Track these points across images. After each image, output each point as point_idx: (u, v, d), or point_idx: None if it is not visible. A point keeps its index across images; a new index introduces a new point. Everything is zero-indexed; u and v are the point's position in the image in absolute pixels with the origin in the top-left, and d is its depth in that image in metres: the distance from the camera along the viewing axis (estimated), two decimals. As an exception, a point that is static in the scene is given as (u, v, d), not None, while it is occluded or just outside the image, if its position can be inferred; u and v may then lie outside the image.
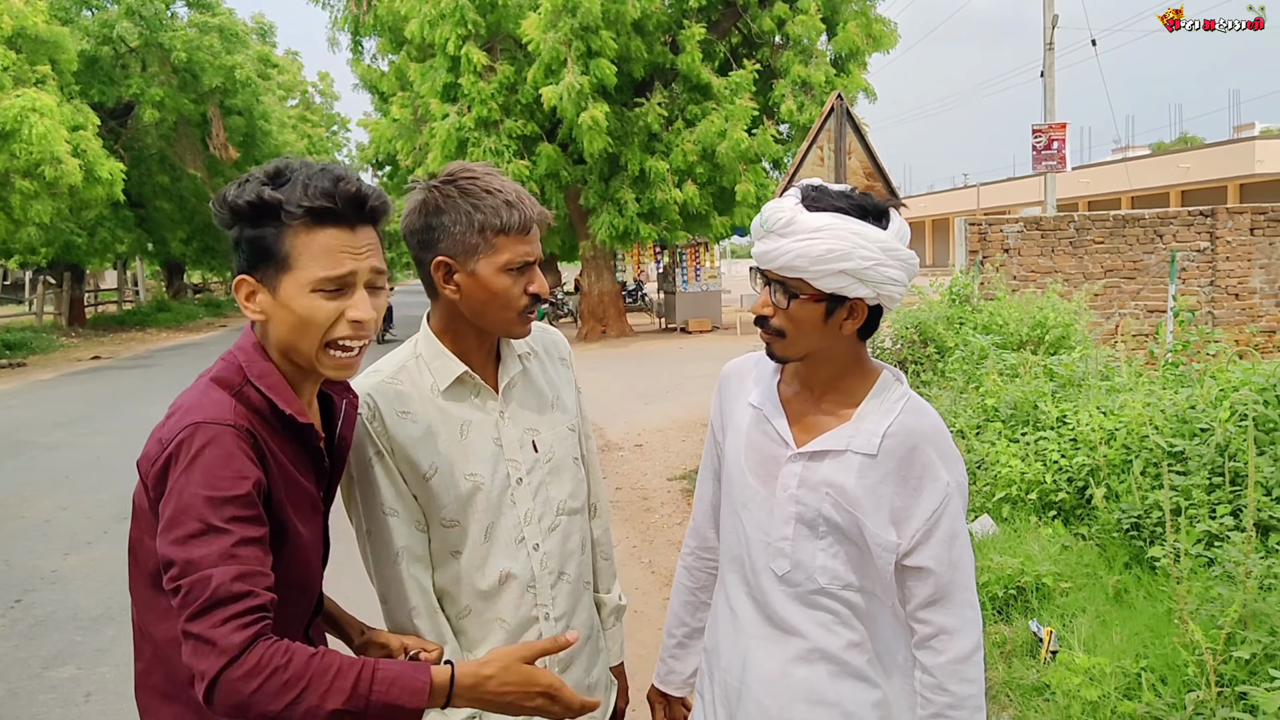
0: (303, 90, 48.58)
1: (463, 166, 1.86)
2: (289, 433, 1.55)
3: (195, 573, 1.35)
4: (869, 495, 1.70)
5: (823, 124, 7.40)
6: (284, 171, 1.53)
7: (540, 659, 1.71)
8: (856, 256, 1.62)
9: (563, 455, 1.99)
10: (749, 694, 1.81)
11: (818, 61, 20.57)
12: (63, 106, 19.26)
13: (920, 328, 10.20)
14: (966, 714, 1.69)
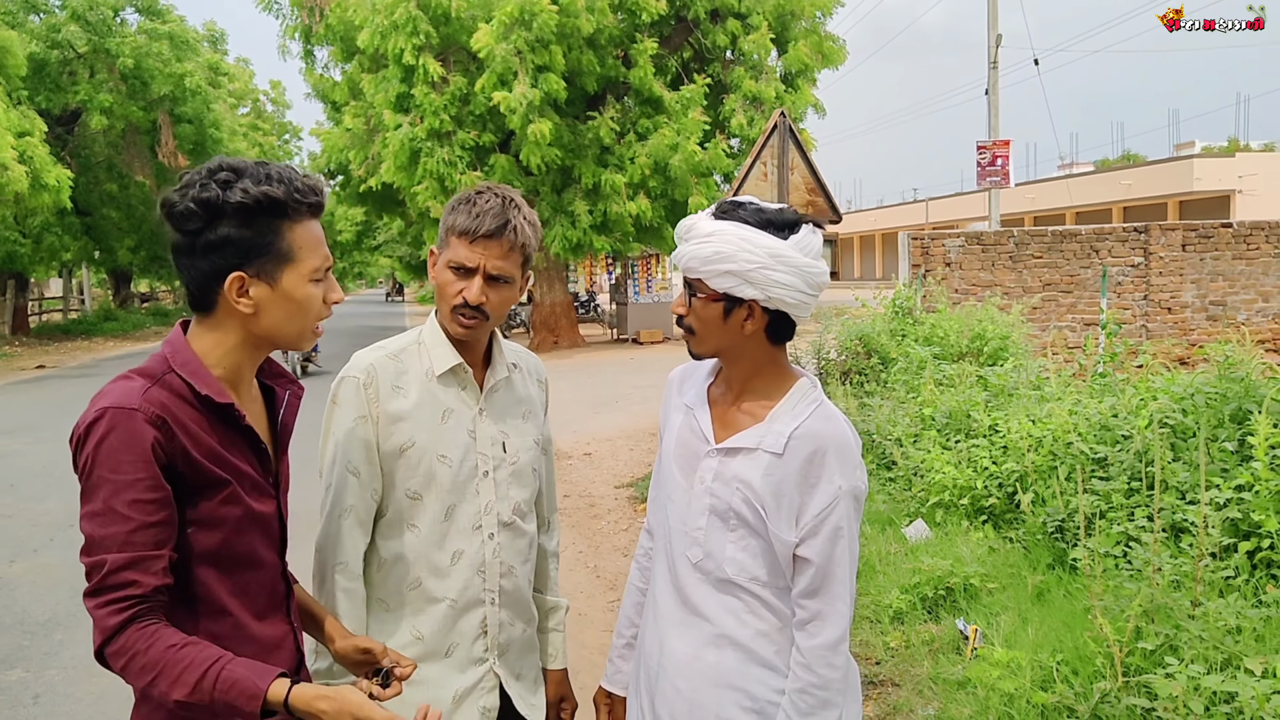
0: (254, 98, 48.20)
1: (486, 185, 2.08)
2: (214, 415, 1.63)
3: (96, 553, 1.50)
4: (773, 492, 1.83)
5: (766, 140, 7.59)
6: (234, 169, 1.61)
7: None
8: (740, 259, 1.78)
9: (525, 462, 2.15)
10: (664, 676, 1.95)
11: (768, 77, 20.90)
12: (9, 112, 19.03)
13: (864, 339, 10.44)
14: (828, 694, 1.82)
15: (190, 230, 1.60)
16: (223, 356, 1.68)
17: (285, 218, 1.64)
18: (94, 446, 1.52)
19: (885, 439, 7.14)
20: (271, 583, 1.75)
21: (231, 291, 1.62)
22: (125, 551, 1.49)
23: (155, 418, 1.54)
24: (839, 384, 9.47)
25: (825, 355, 10.64)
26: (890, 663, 4.48)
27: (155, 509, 1.52)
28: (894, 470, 6.92)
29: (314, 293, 1.69)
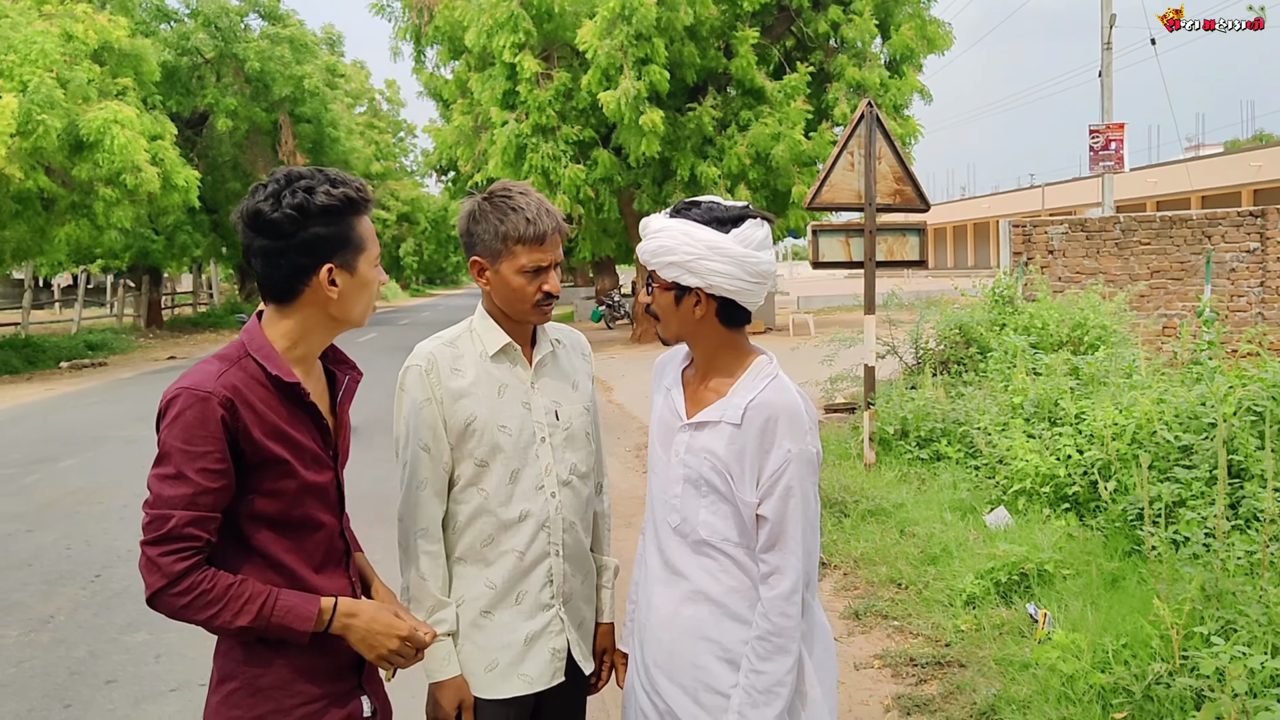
0: (370, 98, 49.69)
1: (502, 185, 2.30)
2: (282, 393, 1.88)
3: (162, 508, 1.75)
4: (735, 459, 2.03)
5: (853, 130, 7.65)
6: (305, 177, 1.87)
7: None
8: (680, 251, 2.01)
9: (578, 427, 2.39)
10: (650, 628, 2.17)
11: (871, 64, 20.68)
12: (142, 117, 20.10)
13: (963, 328, 10.37)
14: (783, 641, 1.99)
15: (285, 233, 1.83)
16: (297, 340, 1.92)
17: (356, 213, 1.91)
18: (171, 420, 1.78)
19: (972, 428, 7.14)
20: (329, 541, 1.98)
21: (324, 282, 1.87)
22: (190, 510, 1.75)
23: (225, 400, 1.79)
24: (930, 373, 9.43)
25: (923, 345, 10.59)
26: (959, 644, 4.56)
27: (217, 478, 1.78)
28: (979, 459, 6.93)
29: (375, 276, 1.97)
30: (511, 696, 2.27)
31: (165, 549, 1.74)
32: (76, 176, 18.52)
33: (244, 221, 1.86)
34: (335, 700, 1.93)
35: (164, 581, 1.73)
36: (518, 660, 2.27)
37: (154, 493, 1.77)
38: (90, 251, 26.07)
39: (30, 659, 4.94)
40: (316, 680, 1.90)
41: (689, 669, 2.08)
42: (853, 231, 7.74)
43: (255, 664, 1.87)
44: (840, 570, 5.82)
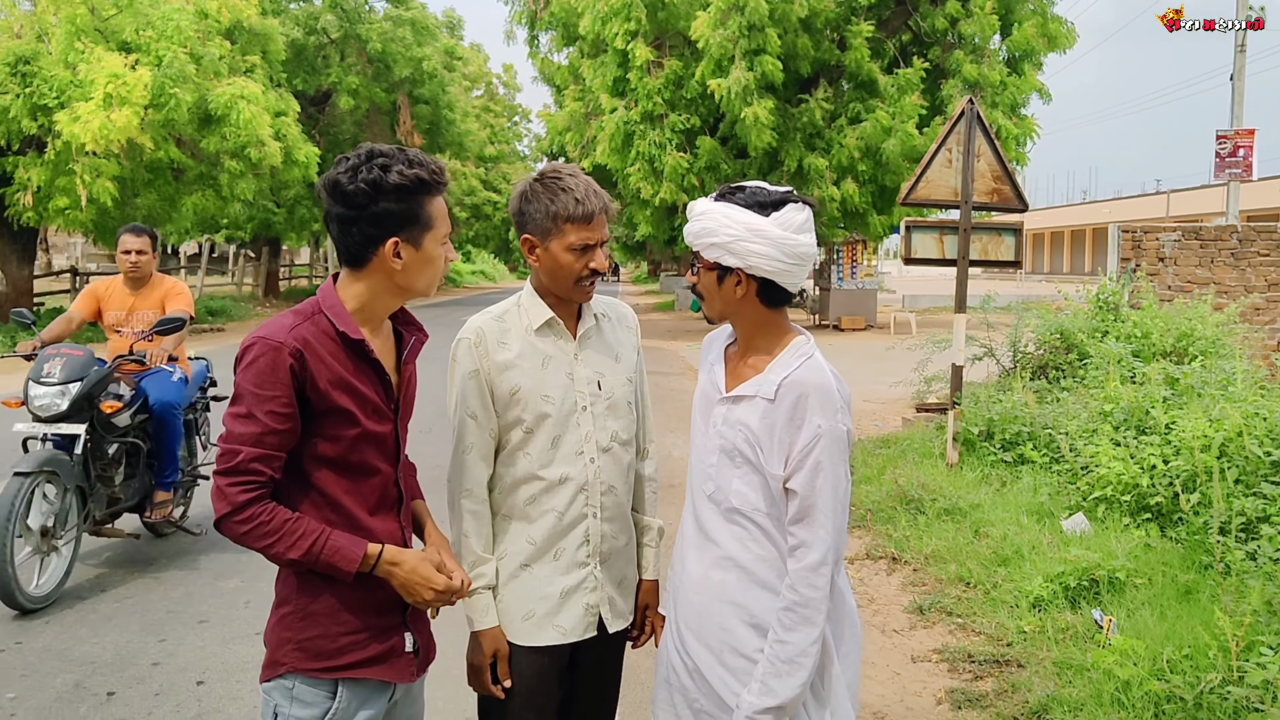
0: (487, 81, 50.51)
1: (553, 167, 2.42)
2: (348, 348, 2.04)
3: (234, 444, 1.95)
4: (766, 433, 2.12)
5: (952, 126, 7.57)
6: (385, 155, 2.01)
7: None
8: (721, 233, 2.11)
9: (620, 397, 2.50)
10: (682, 590, 2.28)
11: (990, 61, 20.27)
12: (267, 94, 20.87)
13: (1064, 334, 10.15)
14: (809, 612, 2.07)
15: (358, 204, 1.99)
16: (365, 303, 2.09)
17: (428, 193, 2.05)
18: (246, 365, 1.97)
19: (1058, 432, 7.03)
20: (384, 487, 2.13)
21: (389, 253, 2.03)
22: (258, 448, 1.95)
23: (295, 350, 1.96)
24: (1022, 377, 9.28)
25: (1022, 349, 10.40)
26: (1020, 645, 4.54)
27: (283, 420, 1.96)
28: (1062, 464, 6.83)
29: (441, 253, 2.12)
30: (546, 645, 2.41)
31: (232, 480, 1.93)
32: (205, 148, 19.36)
33: (324, 189, 2.03)
34: (379, 633, 2.10)
35: (228, 509, 1.93)
36: (553, 612, 2.41)
37: (227, 429, 1.97)
38: (215, 221, 27.15)
39: (133, 596, 5.30)
40: (361, 613, 2.07)
41: (716, 631, 2.18)
42: (947, 229, 7.67)
43: (306, 593, 2.06)
44: (910, 566, 5.82)
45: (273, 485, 1.98)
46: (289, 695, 2.05)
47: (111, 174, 17.24)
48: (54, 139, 16.49)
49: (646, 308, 36.17)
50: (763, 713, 2.06)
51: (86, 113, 15.77)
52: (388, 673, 2.11)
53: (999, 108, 20.10)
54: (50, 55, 17.06)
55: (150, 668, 4.42)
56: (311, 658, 2.04)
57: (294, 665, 2.05)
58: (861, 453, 8.51)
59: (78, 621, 4.92)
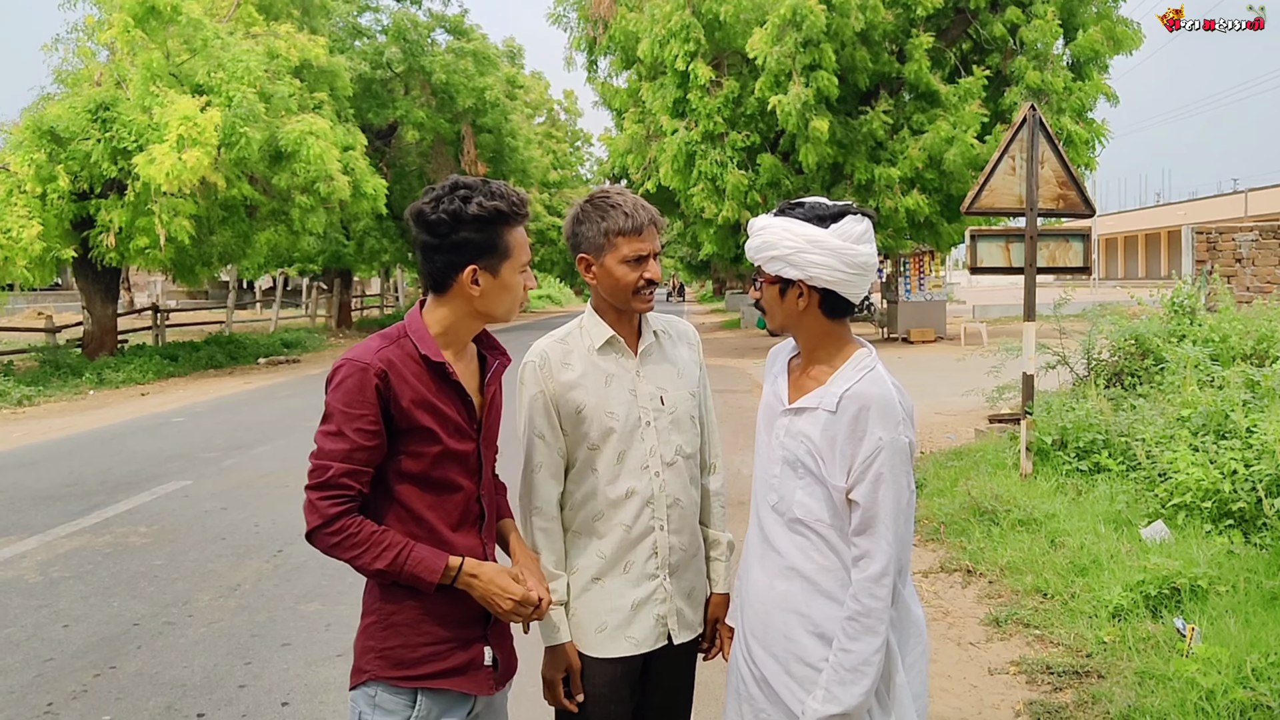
0: (549, 108, 51.08)
1: (601, 189, 2.53)
2: (431, 370, 2.14)
3: (325, 459, 2.05)
4: (828, 445, 2.14)
5: (1015, 133, 7.50)
6: (468, 187, 2.12)
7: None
8: (781, 246, 2.16)
9: (683, 412, 2.57)
10: (748, 600, 2.32)
11: (1054, 66, 19.99)
12: (335, 129, 21.40)
13: (1138, 339, 9.95)
14: (871, 621, 2.08)
15: (440, 233, 2.10)
16: (448, 327, 2.19)
17: (506, 224, 2.14)
18: (336, 385, 2.08)
19: (1134, 439, 6.89)
20: (466, 503, 2.22)
21: (467, 280, 2.13)
22: (347, 463, 2.05)
23: (380, 371, 2.07)
24: (1096, 385, 9.11)
25: (1096, 355, 10.21)
26: (1099, 655, 4.47)
27: (371, 437, 2.07)
28: (1138, 471, 6.69)
29: (520, 281, 2.21)
30: (619, 656, 2.46)
31: (324, 494, 2.03)
32: (276, 185, 19.89)
33: (411, 217, 2.15)
34: (459, 645, 2.18)
35: (320, 521, 2.03)
36: (625, 624, 2.47)
37: (318, 445, 2.07)
38: (288, 255, 27.84)
39: (219, 620, 5.45)
40: (443, 624, 2.16)
41: (781, 640, 2.21)
42: (1013, 237, 7.59)
43: (389, 603, 2.15)
44: (985, 578, 5.75)
45: (361, 499, 2.08)
46: (371, 702, 2.13)
47: (188, 213, 17.81)
48: (133, 181, 17.08)
49: (712, 326, 36.16)
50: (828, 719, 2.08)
51: (160, 154, 16.33)
52: (466, 684, 2.18)
53: (1065, 113, 19.80)
54: (128, 100, 17.70)
55: (237, 690, 4.55)
56: (392, 666, 2.13)
57: (376, 673, 2.13)
58: (933, 465, 8.43)
59: (167, 647, 5.08)
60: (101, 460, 10.43)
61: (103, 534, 7.31)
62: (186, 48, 18.84)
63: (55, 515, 7.91)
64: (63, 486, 9.05)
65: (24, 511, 8.08)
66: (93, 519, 7.76)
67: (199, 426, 12.92)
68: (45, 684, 4.64)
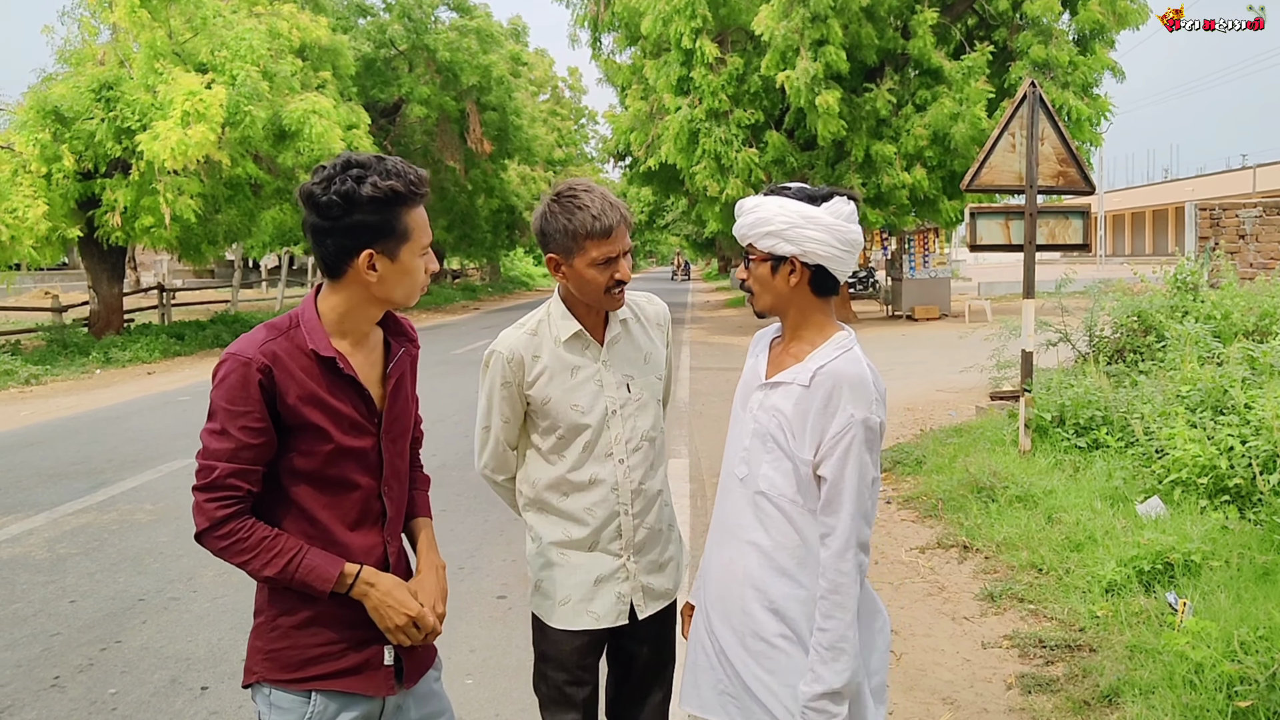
0: (553, 86, 50.91)
1: (568, 185, 2.49)
2: (322, 365, 2.03)
3: (211, 459, 1.97)
4: (799, 419, 2.19)
5: (1015, 110, 7.48)
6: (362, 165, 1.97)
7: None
8: (777, 221, 2.19)
9: (649, 396, 2.62)
10: (709, 571, 2.38)
11: (1058, 41, 19.88)
12: (339, 108, 21.40)
13: (1141, 316, 9.96)
14: (840, 597, 2.12)
15: (332, 216, 1.96)
16: (344, 315, 2.07)
17: (404, 205, 2.00)
18: (219, 381, 1.99)
19: (1132, 416, 6.92)
20: (365, 502, 2.12)
21: (363, 265, 2.00)
22: (233, 463, 1.96)
23: (263, 366, 1.97)
24: (1095, 362, 9.13)
25: (1099, 332, 10.21)
26: (1092, 630, 4.51)
27: (257, 435, 1.97)
28: (1136, 448, 6.72)
29: (420, 264, 2.08)
30: (580, 629, 2.55)
31: (210, 496, 1.96)
32: (281, 163, 19.90)
33: (301, 198, 2.01)
34: (351, 646, 2.10)
35: (207, 524, 1.96)
36: (587, 599, 2.55)
37: (204, 444, 1.99)
38: (293, 234, 27.85)
39: (222, 596, 5.53)
40: (332, 627, 2.08)
41: (739, 615, 2.25)
42: (1013, 214, 7.59)
43: (277, 605, 2.08)
44: (981, 554, 5.80)
45: (251, 499, 2.00)
46: (268, 701, 2.08)
47: (193, 191, 17.83)
48: (137, 160, 17.12)
49: (716, 304, 36.14)
50: (818, 699, 2.11)
51: (165, 130, 16.35)
52: (360, 685, 2.10)
53: (1069, 88, 19.69)
54: (131, 80, 17.71)
55: (239, 663, 4.60)
56: (280, 669, 2.07)
57: (264, 675, 2.08)
58: (933, 442, 8.47)
59: (173, 622, 5.16)
60: (108, 438, 10.51)
61: (109, 511, 7.39)
62: (189, 26, 18.81)
63: (62, 493, 7.99)
64: (70, 464, 9.14)
65: (31, 489, 8.16)
66: (99, 496, 7.84)
67: (204, 405, 12.96)
68: (52, 657, 4.72)
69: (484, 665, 4.43)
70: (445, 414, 10.92)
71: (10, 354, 17.48)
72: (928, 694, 4.14)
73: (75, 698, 4.28)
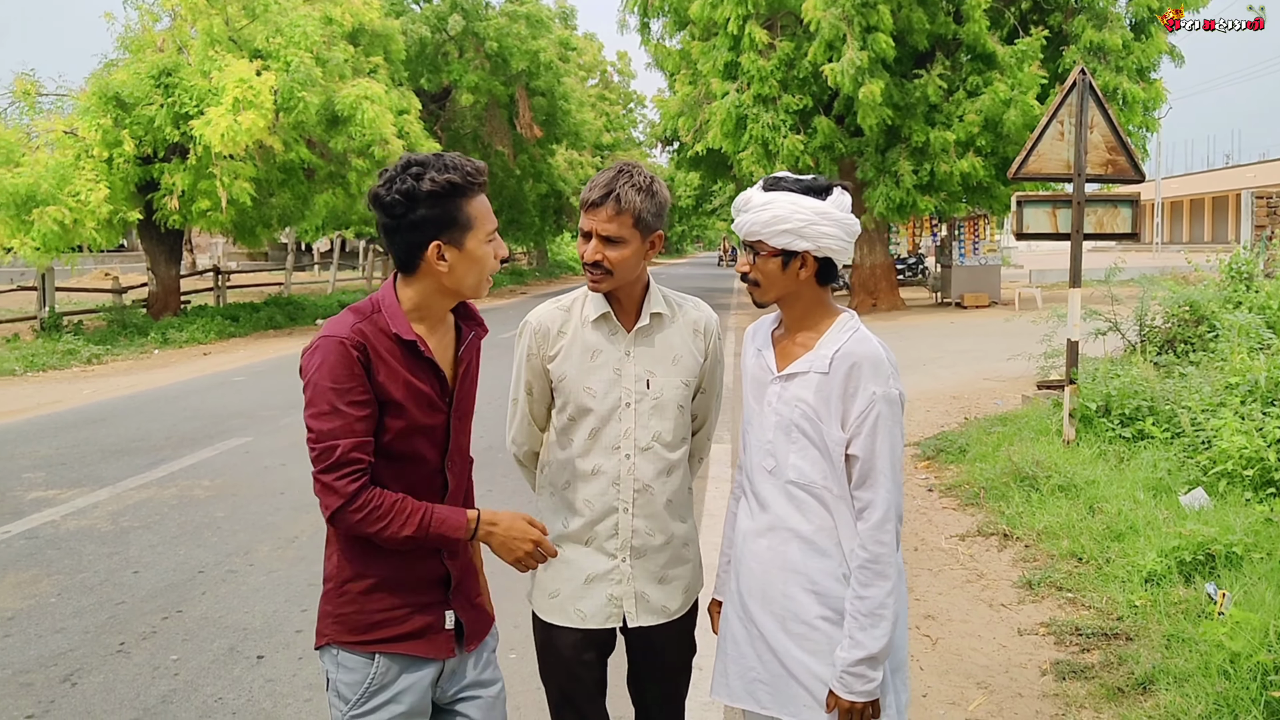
0: (602, 70, 50.93)
1: (618, 162, 2.54)
2: (403, 347, 2.15)
3: (328, 440, 2.06)
4: (824, 404, 2.26)
5: (1064, 98, 7.43)
6: (420, 164, 2.10)
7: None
8: (794, 219, 2.24)
9: (669, 399, 2.55)
10: (744, 561, 2.42)
11: (1113, 25, 19.56)
12: (390, 93, 21.64)
13: (1193, 306, 9.85)
14: (880, 566, 2.21)
15: (397, 214, 2.09)
16: (419, 304, 2.20)
17: (464, 196, 2.12)
18: (318, 365, 2.08)
19: (1178, 406, 6.88)
20: (429, 476, 2.25)
21: (433, 257, 2.12)
22: (351, 438, 2.06)
23: (358, 344, 2.09)
24: (1144, 352, 9.05)
25: (1149, 322, 10.11)
26: (1130, 619, 4.54)
27: (365, 406, 2.09)
28: (1182, 439, 6.69)
29: (488, 251, 2.19)
30: (564, 626, 2.55)
31: (338, 474, 2.06)
32: (333, 148, 20.20)
33: (369, 202, 2.15)
34: (415, 610, 2.22)
35: (341, 501, 2.06)
36: (576, 596, 2.54)
37: (315, 429, 2.08)
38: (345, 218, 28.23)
39: (277, 569, 5.72)
40: (396, 592, 2.20)
41: (780, 599, 2.33)
42: (1060, 203, 7.55)
43: (346, 571, 2.20)
44: (1022, 542, 5.82)
45: (370, 471, 2.10)
46: (335, 662, 2.21)
47: (248, 176, 18.17)
48: (194, 145, 17.47)
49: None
50: (856, 664, 2.20)
51: (216, 117, 16.68)
52: (422, 648, 2.22)
53: (1124, 73, 19.39)
54: (189, 66, 18.06)
55: (294, 634, 4.79)
56: (347, 631, 2.19)
57: (333, 637, 2.20)
58: (977, 431, 8.46)
59: (230, 593, 5.35)
60: (167, 416, 10.82)
61: (169, 486, 7.64)
62: (246, 13, 19.13)
63: (124, 468, 8.26)
64: (131, 441, 9.43)
65: (95, 465, 8.45)
66: (159, 472, 8.10)
67: (259, 385, 13.31)
68: (117, 625, 4.93)
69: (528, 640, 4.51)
70: (491, 396, 11.09)
71: (73, 334, 17.97)
72: (962, 678, 4.20)
73: (139, 663, 4.48)
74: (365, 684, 2.18)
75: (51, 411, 11.50)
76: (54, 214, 16.16)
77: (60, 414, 11.29)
